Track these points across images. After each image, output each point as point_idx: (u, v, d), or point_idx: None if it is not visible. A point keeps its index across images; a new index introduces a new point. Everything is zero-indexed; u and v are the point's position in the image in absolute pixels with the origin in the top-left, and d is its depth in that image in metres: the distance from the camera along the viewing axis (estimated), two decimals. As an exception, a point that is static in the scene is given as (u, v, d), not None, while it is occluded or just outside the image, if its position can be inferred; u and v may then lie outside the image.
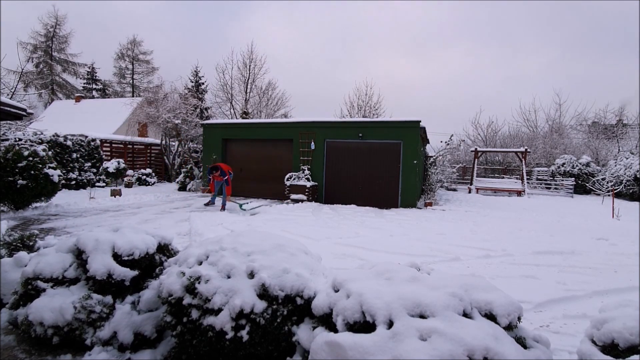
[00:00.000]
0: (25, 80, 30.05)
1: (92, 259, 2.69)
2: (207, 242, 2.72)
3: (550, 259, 5.53)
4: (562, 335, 3.08)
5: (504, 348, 1.66)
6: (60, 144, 13.55)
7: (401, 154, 11.48)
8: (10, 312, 2.81)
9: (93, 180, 14.46)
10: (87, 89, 36.86)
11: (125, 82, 38.69)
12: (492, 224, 8.66)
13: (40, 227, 6.83)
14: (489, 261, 5.36)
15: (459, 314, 1.84)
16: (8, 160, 7.85)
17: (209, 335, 2.16)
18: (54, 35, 35.80)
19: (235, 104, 26.26)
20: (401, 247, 6.01)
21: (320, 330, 2.04)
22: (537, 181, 20.35)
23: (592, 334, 1.95)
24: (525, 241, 6.77)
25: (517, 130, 28.84)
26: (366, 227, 7.78)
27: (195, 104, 19.01)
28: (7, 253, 3.51)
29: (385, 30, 60.84)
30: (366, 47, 57.25)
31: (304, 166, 12.40)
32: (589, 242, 6.87)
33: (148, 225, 7.31)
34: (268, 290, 2.22)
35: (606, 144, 23.50)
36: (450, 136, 14.22)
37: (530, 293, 3.96)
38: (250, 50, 26.38)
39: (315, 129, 12.46)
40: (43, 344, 2.60)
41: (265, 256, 2.44)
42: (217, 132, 14.06)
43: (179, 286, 2.26)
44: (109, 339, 2.51)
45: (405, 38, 60.27)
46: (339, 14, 59.97)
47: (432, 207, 11.65)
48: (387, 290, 1.97)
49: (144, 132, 23.31)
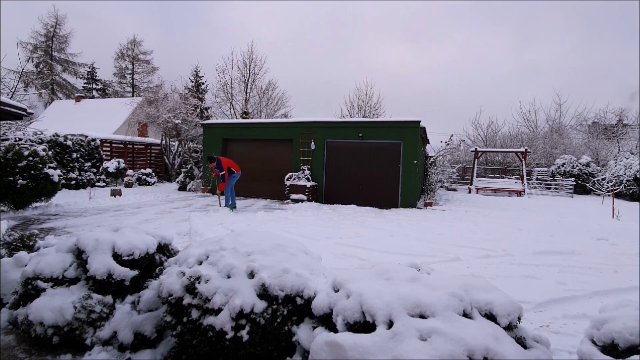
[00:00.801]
0: (25, 80, 30.04)
1: (92, 258, 2.69)
2: (207, 242, 2.71)
3: (550, 259, 5.53)
4: (562, 335, 3.08)
5: (504, 348, 1.66)
6: (60, 143, 13.56)
7: (401, 154, 11.48)
8: (10, 312, 2.81)
9: (93, 180, 14.46)
10: (87, 88, 36.87)
11: (125, 82, 38.71)
12: (492, 224, 8.66)
13: (40, 227, 6.83)
14: (489, 261, 5.36)
15: (459, 314, 1.84)
16: (8, 160, 7.85)
17: (209, 335, 2.16)
18: (54, 35, 35.82)
19: (236, 104, 26.27)
20: (401, 247, 6.01)
21: (320, 330, 2.04)
22: (537, 181, 20.35)
23: (592, 334, 1.95)
24: (525, 241, 6.77)
25: (517, 130, 28.88)
26: (366, 227, 7.78)
27: (196, 104, 19.00)
28: (7, 253, 3.51)
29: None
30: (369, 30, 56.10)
31: (304, 166, 12.40)
32: (589, 242, 6.87)
33: (148, 225, 7.31)
34: (268, 290, 2.22)
35: (606, 144, 23.50)
36: (450, 136, 14.23)
37: (530, 293, 3.96)
38: (250, 50, 26.42)
39: (316, 129, 12.46)
40: (43, 343, 2.60)
41: (265, 256, 2.44)
42: (217, 132, 14.06)
43: (179, 286, 2.26)
44: (108, 338, 2.51)
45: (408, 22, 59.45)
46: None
47: (432, 207, 11.65)
48: (387, 290, 1.97)
49: (144, 132, 23.31)
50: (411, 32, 59.73)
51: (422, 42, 59.57)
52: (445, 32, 59.77)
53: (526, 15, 55.17)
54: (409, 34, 59.80)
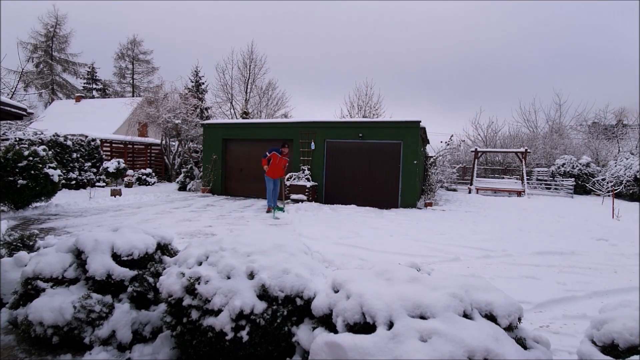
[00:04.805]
0: (25, 80, 29.98)
1: (92, 259, 2.69)
2: (207, 242, 2.71)
3: (550, 259, 5.53)
4: (562, 335, 3.08)
5: (504, 349, 1.65)
6: (60, 143, 13.55)
7: (401, 154, 11.48)
8: (10, 311, 2.81)
9: (93, 180, 14.46)
10: (87, 88, 36.85)
11: (126, 82, 38.69)
12: (492, 224, 8.66)
13: (40, 227, 6.83)
14: (489, 261, 5.36)
15: (460, 315, 1.84)
16: (8, 160, 7.85)
17: (209, 336, 2.16)
18: (54, 35, 35.80)
19: (236, 104, 26.27)
20: (401, 247, 6.01)
21: (320, 331, 2.03)
22: (537, 181, 20.34)
23: (592, 334, 1.95)
24: (525, 241, 6.77)
25: (517, 130, 28.86)
26: (366, 227, 7.77)
27: (196, 104, 19.00)
28: (7, 253, 3.51)
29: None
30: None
31: (304, 166, 12.40)
32: (589, 243, 6.87)
33: (148, 225, 7.29)
34: (268, 290, 2.22)
35: (606, 145, 23.50)
36: (450, 136, 14.24)
37: (530, 293, 3.96)
38: (250, 50, 26.40)
39: (316, 129, 12.46)
40: (43, 343, 2.60)
41: (265, 256, 2.44)
42: (217, 132, 14.06)
43: (178, 287, 2.25)
44: (107, 337, 2.51)
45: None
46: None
47: (432, 207, 11.65)
48: (387, 291, 1.97)
49: (144, 132, 23.31)
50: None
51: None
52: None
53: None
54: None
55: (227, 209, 10.15)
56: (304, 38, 58.07)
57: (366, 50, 56.47)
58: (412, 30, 61.36)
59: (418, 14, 61.56)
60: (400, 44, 59.14)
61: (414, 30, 61.76)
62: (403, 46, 59.20)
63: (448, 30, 60.73)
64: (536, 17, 53.48)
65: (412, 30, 61.21)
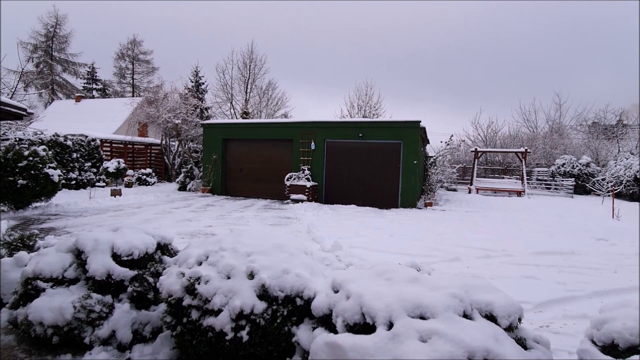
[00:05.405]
0: (25, 80, 30.01)
1: (92, 259, 2.69)
2: (207, 242, 2.71)
3: (550, 259, 5.53)
4: (562, 335, 3.08)
5: (504, 349, 1.65)
6: (60, 143, 13.55)
7: (401, 154, 11.48)
8: (10, 311, 2.81)
9: (93, 180, 14.46)
10: (87, 88, 36.83)
11: (126, 82, 38.65)
12: (492, 224, 8.66)
13: (40, 227, 6.83)
14: (489, 261, 5.36)
15: (460, 315, 1.84)
16: (8, 160, 7.85)
17: (209, 336, 2.16)
18: (54, 35, 35.78)
19: (236, 104, 26.27)
20: (401, 247, 6.01)
21: (320, 331, 2.03)
22: (537, 181, 20.34)
23: (592, 334, 1.95)
24: (525, 241, 6.77)
25: (517, 130, 28.82)
26: (366, 227, 7.77)
27: (196, 104, 19.00)
28: (7, 253, 3.51)
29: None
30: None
31: (304, 166, 12.40)
32: (589, 243, 6.87)
33: (148, 225, 7.30)
34: (268, 290, 2.22)
35: (606, 145, 23.49)
36: (450, 136, 14.25)
37: (530, 293, 3.96)
38: (250, 50, 26.40)
39: (316, 129, 12.46)
40: (43, 343, 2.60)
41: (265, 256, 2.44)
42: (217, 132, 14.06)
43: (178, 287, 2.25)
44: (107, 337, 2.51)
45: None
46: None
47: (432, 207, 11.65)
48: (387, 291, 1.96)
49: (144, 132, 23.30)
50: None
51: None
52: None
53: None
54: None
55: (227, 209, 10.15)
56: (304, 38, 58.09)
57: (366, 50, 56.53)
58: (412, 31, 61.43)
59: (418, 14, 61.59)
60: (400, 44, 59.26)
61: (414, 30, 61.85)
62: (403, 46, 59.30)
63: (448, 30, 60.79)
64: (536, 17, 53.54)
65: (412, 31, 61.27)
